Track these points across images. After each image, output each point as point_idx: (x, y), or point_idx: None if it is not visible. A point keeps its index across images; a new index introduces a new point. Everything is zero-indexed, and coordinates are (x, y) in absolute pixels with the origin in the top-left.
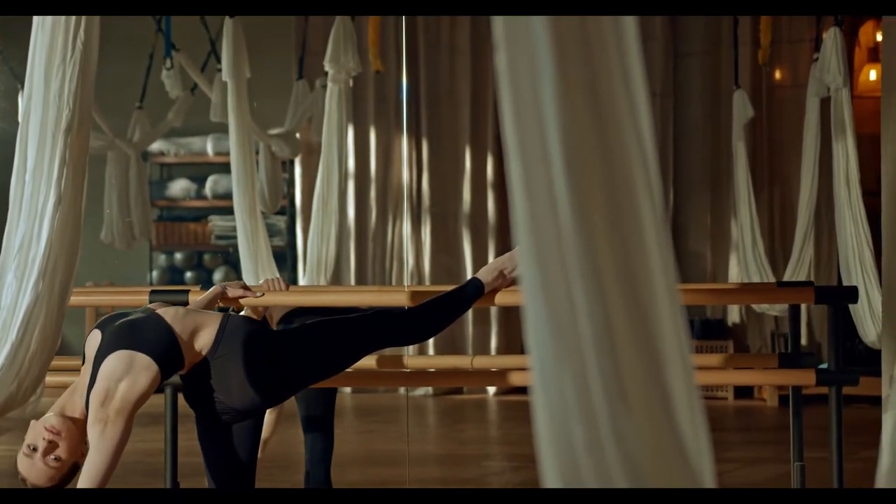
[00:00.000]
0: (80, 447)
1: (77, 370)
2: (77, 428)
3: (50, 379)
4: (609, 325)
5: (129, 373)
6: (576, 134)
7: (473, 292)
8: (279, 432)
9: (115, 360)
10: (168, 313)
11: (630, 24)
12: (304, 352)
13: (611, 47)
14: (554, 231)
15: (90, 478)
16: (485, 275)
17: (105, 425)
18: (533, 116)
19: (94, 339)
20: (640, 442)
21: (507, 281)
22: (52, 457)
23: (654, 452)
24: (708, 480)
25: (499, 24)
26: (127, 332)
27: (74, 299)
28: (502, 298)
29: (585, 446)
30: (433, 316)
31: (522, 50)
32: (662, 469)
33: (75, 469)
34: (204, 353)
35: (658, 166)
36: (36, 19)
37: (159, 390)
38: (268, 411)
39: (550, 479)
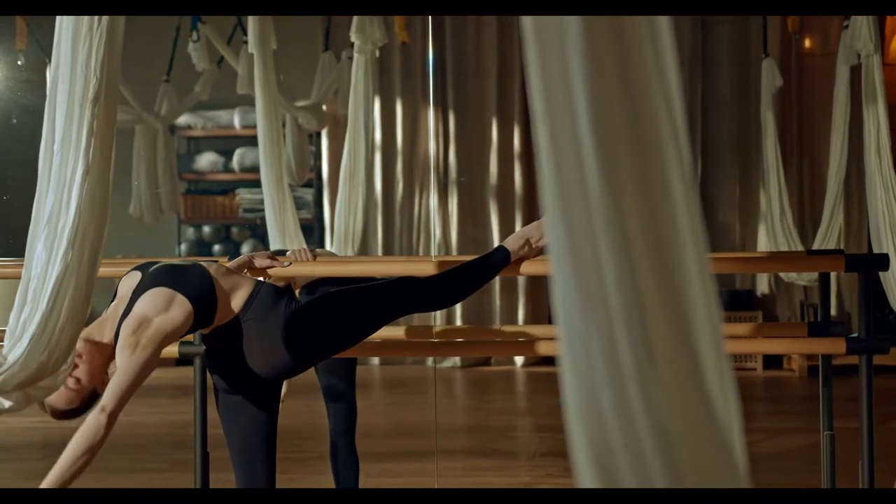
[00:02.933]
0: (100, 374)
1: None
2: (100, 354)
3: None
4: (637, 290)
5: (167, 309)
6: (604, 98)
7: (499, 260)
8: (306, 403)
9: (156, 295)
10: (212, 267)
11: None
12: (329, 319)
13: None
14: (582, 197)
15: (113, 394)
16: (511, 243)
17: (134, 350)
18: (561, 82)
19: (133, 278)
20: (669, 406)
21: (533, 250)
22: (71, 378)
23: (682, 416)
24: (737, 445)
25: None
26: (171, 273)
27: (103, 270)
28: (528, 268)
29: (614, 410)
30: (458, 282)
31: (550, 16)
32: (691, 433)
33: (94, 398)
34: (234, 312)
35: (687, 132)
36: None
37: (188, 362)
38: None
39: (578, 443)
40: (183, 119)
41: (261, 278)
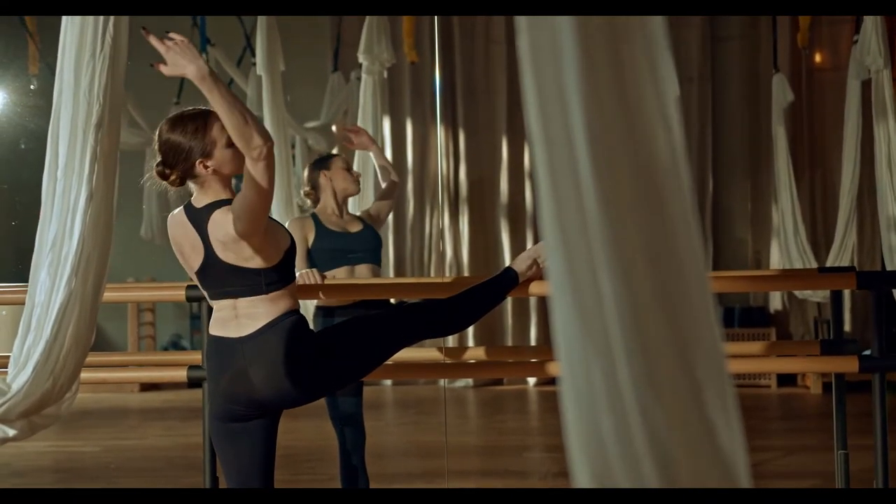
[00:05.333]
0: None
1: (114, 366)
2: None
3: (85, 375)
4: (637, 314)
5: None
6: (601, 120)
7: (508, 282)
8: (317, 425)
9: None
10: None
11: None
12: (339, 354)
13: (636, 29)
14: (580, 220)
15: None
16: (518, 264)
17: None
18: (557, 103)
19: None
20: (671, 431)
21: (540, 270)
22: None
23: (684, 442)
24: (741, 469)
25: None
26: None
27: (113, 295)
28: (536, 288)
29: (614, 437)
30: (468, 307)
31: (545, 34)
32: (693, 459)
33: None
34: (278, 311)
35: (686, 152)
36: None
37: (197, 384)
38: None
39: (580, 471)
40: None
41: None
